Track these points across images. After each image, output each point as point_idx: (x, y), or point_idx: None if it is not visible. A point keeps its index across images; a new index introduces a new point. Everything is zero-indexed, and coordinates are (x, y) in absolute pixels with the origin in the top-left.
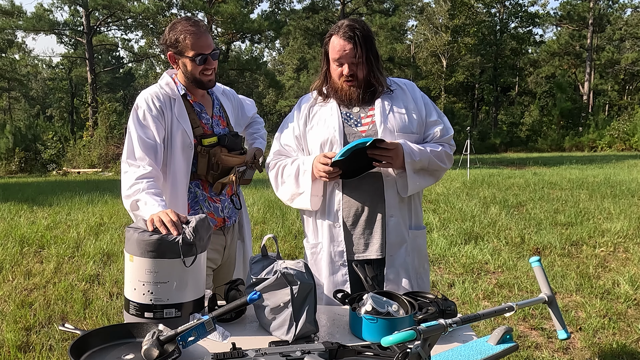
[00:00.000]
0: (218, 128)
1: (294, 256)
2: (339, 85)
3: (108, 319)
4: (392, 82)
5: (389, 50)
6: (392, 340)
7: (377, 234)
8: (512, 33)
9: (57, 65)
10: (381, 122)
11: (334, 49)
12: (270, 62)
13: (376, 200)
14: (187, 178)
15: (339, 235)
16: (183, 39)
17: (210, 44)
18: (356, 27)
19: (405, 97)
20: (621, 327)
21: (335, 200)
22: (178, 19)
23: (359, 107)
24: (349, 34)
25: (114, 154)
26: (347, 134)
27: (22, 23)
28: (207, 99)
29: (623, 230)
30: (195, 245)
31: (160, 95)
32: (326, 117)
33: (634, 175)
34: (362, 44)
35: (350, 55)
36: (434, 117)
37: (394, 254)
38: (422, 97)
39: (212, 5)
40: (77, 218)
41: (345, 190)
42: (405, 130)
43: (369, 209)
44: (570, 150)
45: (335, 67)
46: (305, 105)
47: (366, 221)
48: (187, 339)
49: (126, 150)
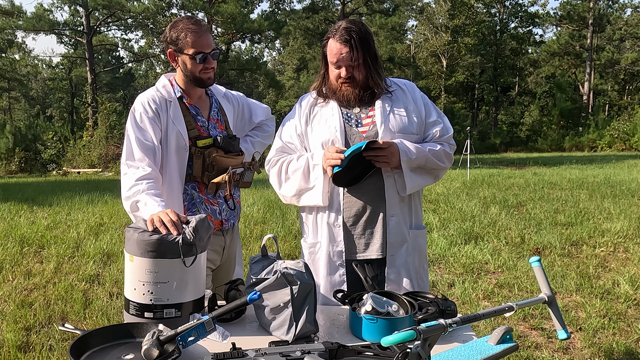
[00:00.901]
0: (215, 131)
1: (294, 256)
2: (337, 87)
3: (108, 319)
4: (392, 83)
5: (389, 50)
6: (392, 340)
7: (377, 233)
8: (512, 33)
9: (57, 65)
10: (382, 122)
11: (331, 52)
12: (270, 62)
13: (377, 199)
14: (182, 180)
15: (339, 235)
16: (184, 36)
17: (211, 43)
18: (353, 29)
19: (405, 98)
20: (621, 327)
21: (337, 200)
22: (180, 18)
23: (359, 107)
24: (345, 37)
25: (114, 154)
26: (348, 134)
27: (22, 23)
28: (205, 101)
29: (623, 230)
30: (195, 245)
31: (157, 97)
32: (327, 117)
33: (634, 175)
34: (359, 47)
35: (346, 58)
36: (433, 117)
37: (395, 254)
38: (422, 97)
39: (212, 5)
40: (77, 218)
41: (347, 190)
42: (406, 130)
43: (370, 209)
44: (570, 150)
45: (333, 69)
46: (306, 105)
47: (367, 221)
48: (187, 339)
49: (125, 152)
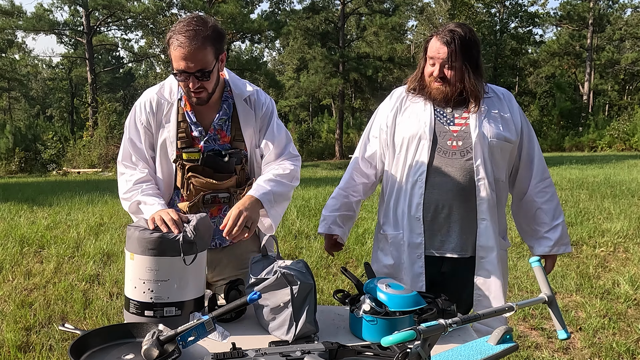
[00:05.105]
0: (212, 143)
1: (294, 256)
2: (428, 84)
3: (108, 319)
4: (489, 89)
5: (389, 50)
6: (392, 340)
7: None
8: (512, 33)
9: (57, 65)
10: (476, 125)
11: (431, 49)
12: (270, 62)
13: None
14: (171, 187)
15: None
16: (172, 48)
17: (199, 61)
18: (458, 33)
19: (501, 105)
20: (621, 327)
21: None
22: (183, 19)
23: (452, 108)
24: (447, 39)
25: (114, 154)
26: (438, 132)
27: (22, 23)
28: (211, 107)
29: (623, 230)
30: (195, 244)
31: (156, 98)
32: (419, 112)
33: (634, 175)
34: (459, 51)
35: (442, 57)
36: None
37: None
38: (519, 110)
39: (212, 5)
40: (77, 218)
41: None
42: (499, 137)
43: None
44: (570, 150)
45: (429, 66)
46: (397, 97)
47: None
48: (187, 339)
49: (121, 152)
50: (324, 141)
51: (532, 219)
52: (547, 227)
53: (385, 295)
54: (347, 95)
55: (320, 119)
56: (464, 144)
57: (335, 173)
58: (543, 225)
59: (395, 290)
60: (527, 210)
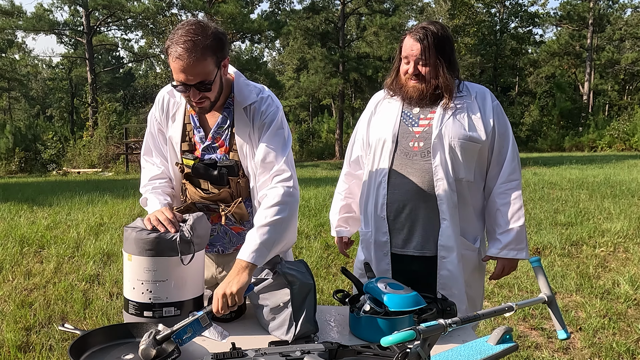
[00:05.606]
0: (210, 153)
1: (294, 256)
2: (404, 82)
3: (108, 319)
4: (464, 87)
5: (389, 50)
6: (392, 340)
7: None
8: (512, 33)
9: (57, 65)
10: (437, 126)
11: (405, 47)
12: (270, 62)
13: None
14: (180, 182)
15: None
16: (170, 57)
17: (198, 73)
18: (430, 30)
19: (472, 104)
20: (621, 327)
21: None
22: (183, 24)
23: (419, 108)
24: (420, 36)
25: (114, 154)
26: (401, 133)
27: (22, 23)
28: (213, 113)
29: (623, 230)
30: (193, 243)
31: (168, 95)
32: (387, 115)
33: (634, 175)
34: (432, 46)
35: (416, 54)
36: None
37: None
38: (495, 109)
39: (212, 5)
40: (77, 218)
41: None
42: (463, 137)
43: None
44: (570, 150)
45: (403, 65)
46: (374, 101)
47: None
48: (183, 336)
49: (144, 146)
50: (324, 141)
51: (492, 219)
52: (501, 229)
53: (385, 296)
54: (347, 95)
55: (320, 119)
56: (425, 145)
57: (335, 173)
58: (498, 226)
59: (395, 290)
60: (489, 210)
